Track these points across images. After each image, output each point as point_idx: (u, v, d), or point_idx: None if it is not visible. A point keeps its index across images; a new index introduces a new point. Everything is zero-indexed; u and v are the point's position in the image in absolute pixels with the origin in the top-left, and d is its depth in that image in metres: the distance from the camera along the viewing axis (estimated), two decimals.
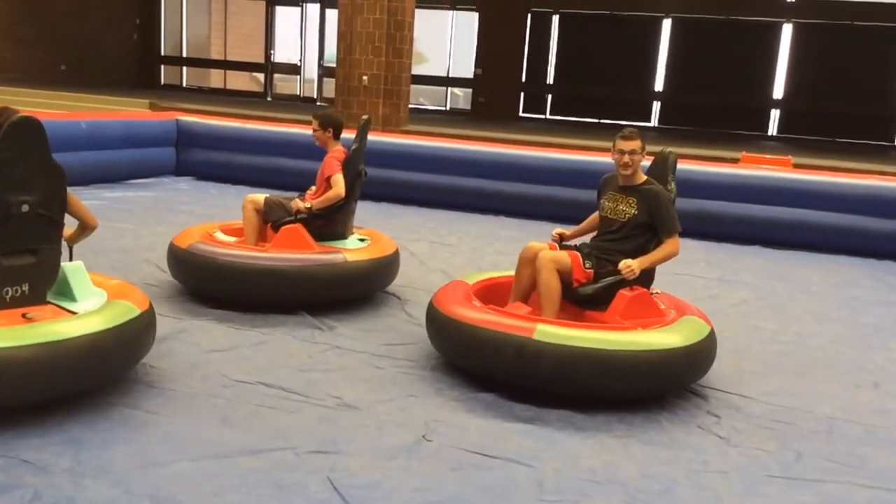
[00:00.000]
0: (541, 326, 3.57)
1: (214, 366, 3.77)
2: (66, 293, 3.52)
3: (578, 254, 4.07)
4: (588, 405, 3.52)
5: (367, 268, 4.91)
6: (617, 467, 3.05)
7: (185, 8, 21.96)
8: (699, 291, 5.83)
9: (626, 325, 3.79)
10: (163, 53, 22.15)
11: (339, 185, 5.02)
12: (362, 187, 5.34)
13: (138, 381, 3.51)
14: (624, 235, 4.10)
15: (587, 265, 4.03)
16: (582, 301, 4.06)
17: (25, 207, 3.31)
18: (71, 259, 3.67)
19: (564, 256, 4.03)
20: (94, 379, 3.26)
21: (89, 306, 3.44)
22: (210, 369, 3.73)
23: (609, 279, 4.01)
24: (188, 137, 10.01)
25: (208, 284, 4.73)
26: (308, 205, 5.01)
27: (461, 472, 2.91)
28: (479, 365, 3.72)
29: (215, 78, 22.55)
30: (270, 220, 5.08)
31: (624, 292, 4.01)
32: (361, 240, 5.28)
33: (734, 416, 3.63)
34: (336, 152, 5.18)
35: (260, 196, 5.15)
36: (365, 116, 5.46)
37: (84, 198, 7.86)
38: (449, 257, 6.61)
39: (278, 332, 4.33)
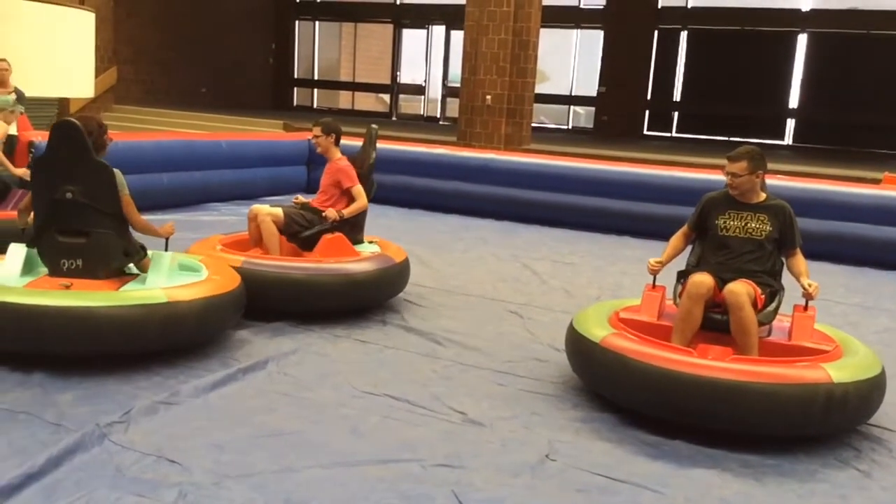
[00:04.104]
0: (830, 368, 3.39)
1: (343, 377, 3.90)
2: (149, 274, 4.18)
3: (752, 282, 3.85)
4: (716, 432, 3.41)
5: (405, 267, 5.25)
6: (750, 498, 2.94)
7: (317, 33, 22.89)
8: (838, 318, 5.55)
9: (835, 345, 3.79)
10: (296, 76, 23.13)
11: (362, 196, 5.33)
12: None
13: (274, 389, 3.68)
14: (764, 254, 3.96)
15: (761, 292, 3.86)
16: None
17: (69, 195, 3.91)
18: (166, 249, 4.28)
19: (751, 288, 3.80)
20: (82, 347, 3.66)
21: (144, 286, 4.03)
22: (339, 380, 3.86)
23: (775, 303, 3.92)
24: (319, 157, 10.23)
25: (273, 298, 4.67)
26: (341, 213, 5.20)
27: (587, 495, 2.88)
28: (772, 428, 3.37)
29: (344, 99, 23.35)
30: (291, 231, 5.19)
31: (805, 314, 3.92)
32: (371, 243, 5.48)
33: (876, 450, 3.44)
34: (343, 160, 5.37)
35: (276, 209, 5.23)
36: (374, 126, 5.66)
37: (223, 213, 8.43)
38: (571, 277, 6.58)
39: (403, 347, 4.43)
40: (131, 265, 4.25)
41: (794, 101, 18.52)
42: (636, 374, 3.45)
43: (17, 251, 4.12)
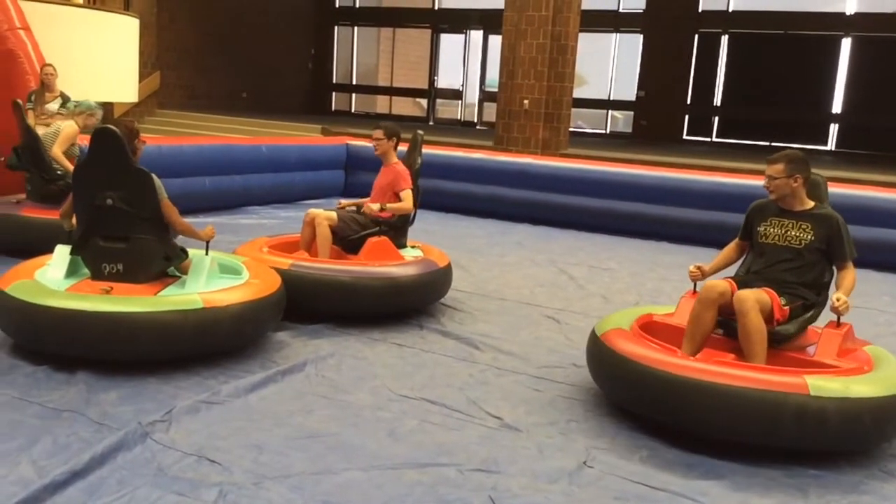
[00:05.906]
0: (811, 380, 3.21)
1: (380, 380, 3.92)
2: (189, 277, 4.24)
3: (773, 291, 3.73)
4: (757, 444, 3.36)
5: (448, 272, 5.30)
6: None
7: (356, 38, 23.04)
8: (882, 327, 5.44)
9: (858, 365, 3.57)
10: (334, 81, 23.29)
11: (409, 200, 5.37)
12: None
13: (312, 391, 3.71)
14: (803, 264, 3.81)
15: (783, 302, 3.72)
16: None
17: (109, 201, 4.00)
18: (206, 252, 4.31)
19: (764, 296, 3.68)
20: (120, 351, 3.72)
21: (182, 291, 4.10)
22: (376, 383, 3.88)
23: (807, 316, 3.78)
24: (356, 161, 10.49)
25: (320, 301, 4.76)
26: (384, 206, 5.25)
27: (624, 503, 2.86)
28: (740, 433, 3.28)
29: (381, 104, 23.46)
30: (343, 234, 5.23)
31: (833, 330, 3.75)
32: (413, 247, 5.50)
33: None
34: (400, 164, 5.43)
35: (331, 212, 5.27)
36: (420, 132, 5.72)
37: (262, 216, 8.52)
38: (609, 282, 6.53)
39: (440, 351, 4.44)
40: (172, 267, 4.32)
41: (837, 106, 18.18)
42: (618, 368, 3.54)
43: (63, 253, 4.21)
